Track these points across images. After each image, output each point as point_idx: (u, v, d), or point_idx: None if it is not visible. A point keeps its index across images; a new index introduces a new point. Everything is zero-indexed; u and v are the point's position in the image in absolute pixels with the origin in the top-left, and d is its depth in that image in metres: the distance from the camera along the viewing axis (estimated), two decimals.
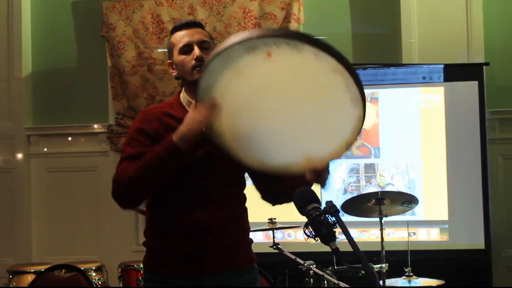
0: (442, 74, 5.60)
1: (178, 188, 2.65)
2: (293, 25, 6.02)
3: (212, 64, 2.36)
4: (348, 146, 2.43)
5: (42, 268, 5.19)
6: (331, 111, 2.38)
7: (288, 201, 2.72)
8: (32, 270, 5.38)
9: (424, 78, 5.63)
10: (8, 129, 6.53)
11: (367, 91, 2.42)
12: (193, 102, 2.53)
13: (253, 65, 2.33)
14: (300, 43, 2.24)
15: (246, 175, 2.84)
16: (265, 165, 2.53)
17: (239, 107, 2.44)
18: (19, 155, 6.51)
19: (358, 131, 2.40)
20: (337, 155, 2.46)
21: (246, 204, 2.85)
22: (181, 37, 2.73)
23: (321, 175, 2.47)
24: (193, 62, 2.67)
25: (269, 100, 2.41)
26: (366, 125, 5.51)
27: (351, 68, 2.27)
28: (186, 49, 2.70)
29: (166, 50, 6.02)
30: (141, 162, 2.54)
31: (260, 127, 2.46)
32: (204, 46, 2.70)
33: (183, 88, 2.78)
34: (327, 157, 2.47)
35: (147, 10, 6.28)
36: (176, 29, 2.77)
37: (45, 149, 6.59)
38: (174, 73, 2.78)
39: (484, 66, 5.64)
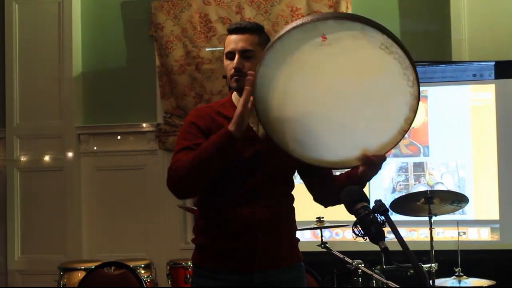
0: (493, 71, 5.51)
1: (228, 186, 2.68)
2: None
3: (269, 54, 2.37)
4: (405, 131, 2.43)
5: (92, 265, 5.26)
6: (386, 93, 2.39)
7: (340, 203, 2.73)
8: (82, 267, 5.46)
9: (474, 75, 5.54)
10: (58, 128, 6.63)
11: None
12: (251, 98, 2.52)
13: (309, 52, 2.34)
14: (351, 22, 2.24)
15: (296, 174, 2.86)
16: (323, 162, 2.54)
17: (299, 101, 2.44)
18: (70, 154, 6.61)
19: (414, 113, 2.40)
20: (394, 144, 2.48)
21: (295, 203, 2.86)
22: (229, 42, 2.74)
23: (375, 167, 2.49)
24: (232, 71, 2.69)
25: (326, 89, 2.41)
26: (415, 123, 5.44)
27: (403, 46, 2.28)
28: (230, 55, 2.72)
29: (213, 49, 6.12)
30: (196, 151, 2.55)
31: (319, 122, 2.46)
32: (247, 55, 2.69)
33: None
34: (384, 147, 2.48)
35: (195, 9, 6.31)
36: (229, 31, 2.78)
37: (95, 148, 6.67)
38: None
39: None
